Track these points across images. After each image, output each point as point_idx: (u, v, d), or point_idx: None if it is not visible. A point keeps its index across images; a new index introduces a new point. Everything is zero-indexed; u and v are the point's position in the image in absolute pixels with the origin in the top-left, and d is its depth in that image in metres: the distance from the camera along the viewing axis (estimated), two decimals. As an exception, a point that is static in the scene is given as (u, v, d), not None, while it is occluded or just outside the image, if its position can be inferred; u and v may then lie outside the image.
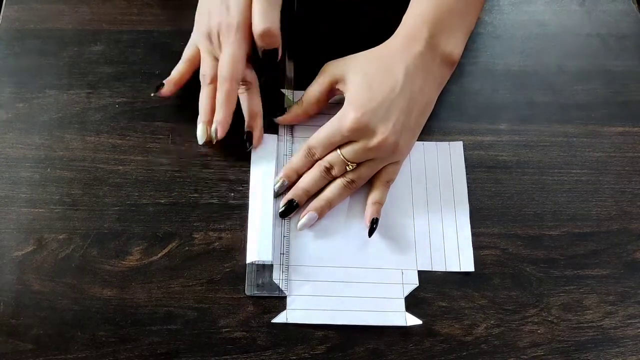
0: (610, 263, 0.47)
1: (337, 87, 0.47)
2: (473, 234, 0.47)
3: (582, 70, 0.55)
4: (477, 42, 0.56)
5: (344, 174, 0.46)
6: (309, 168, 0.47)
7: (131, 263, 0.45)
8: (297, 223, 0.46)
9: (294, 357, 0.42)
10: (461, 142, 0.50)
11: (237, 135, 0.48)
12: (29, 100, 0.50)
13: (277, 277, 0.45)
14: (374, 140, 0.44)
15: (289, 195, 0.46)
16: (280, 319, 0.43)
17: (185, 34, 0.50)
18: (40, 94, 0.51)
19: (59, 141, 0.49)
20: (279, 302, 0.44)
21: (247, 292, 0.44)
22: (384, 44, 0.47)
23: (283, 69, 0.52)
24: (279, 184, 0.47)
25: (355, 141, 0.45)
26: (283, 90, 0.51)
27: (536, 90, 0.54)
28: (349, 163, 0.45)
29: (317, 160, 0.46)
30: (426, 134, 0.49)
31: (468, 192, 0.49)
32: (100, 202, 0.46)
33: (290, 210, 0.46)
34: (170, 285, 0.44)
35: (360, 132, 0.44)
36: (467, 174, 0.49)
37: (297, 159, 0.47)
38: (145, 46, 0.53)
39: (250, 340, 0.43)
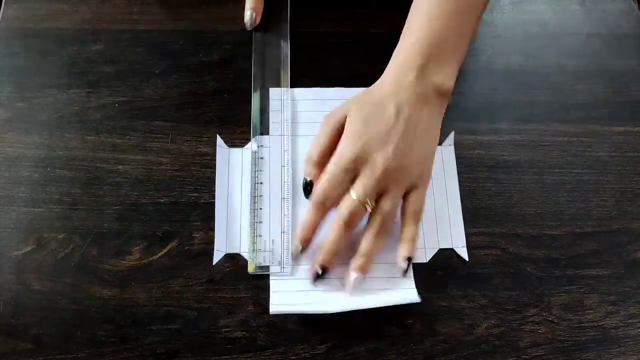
0: (611, 263, 0.47)
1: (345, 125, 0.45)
2: (473, 234, 0.47)
3: (582, 70, 0.55)
4: (478, 42, 0.56)
5: (369, 220, 0.44)
6: (323, 218, 0.44)
7: (131, 263, 0.44)
8: (345, 287, 0.44)
9: (294, 357, 0.42)
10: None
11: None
12: (29, 99, 0.50)
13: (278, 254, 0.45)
14: (377, 168, 0.42)
15: (319, 263, 0.43)
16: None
17: (185, 34, 0.50)
18: (40, 93, 0.50)
19: (58, 140, 0.49)
20: (279, 302, 0.44)
21: (250, 271, 0.44)
22: (379, 79, 0.46)
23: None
24: (295, 251, 0.45)
25: (359, 176, 0.43)
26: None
27: (537, 90, 0.54)
28: (365, 203, 0.43)
29: (329, 208, 0.44)
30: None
31: (468, 192, 0.48)
32: (99, 202, 0.46)
33: (322, 276, 0.44)
34: (170, 285, 0.44)
35: (360, 161, 0.43)
36: (467, 173, 0.49)
37: (309, 216, 0.44)
38: (145, 45, 0.53)
39: (250, 340, 0.43)
